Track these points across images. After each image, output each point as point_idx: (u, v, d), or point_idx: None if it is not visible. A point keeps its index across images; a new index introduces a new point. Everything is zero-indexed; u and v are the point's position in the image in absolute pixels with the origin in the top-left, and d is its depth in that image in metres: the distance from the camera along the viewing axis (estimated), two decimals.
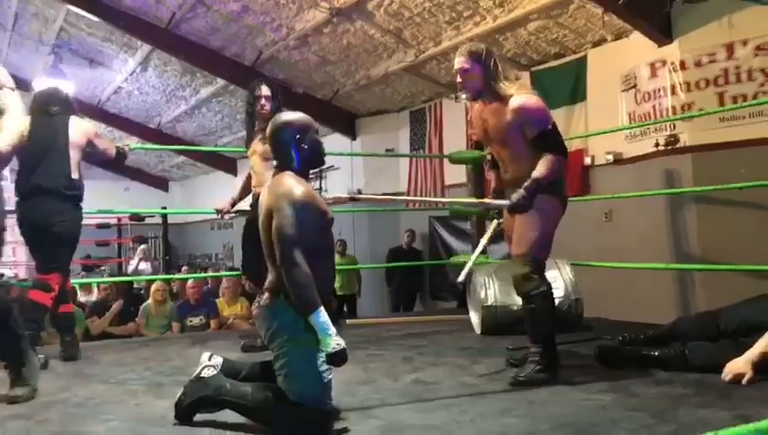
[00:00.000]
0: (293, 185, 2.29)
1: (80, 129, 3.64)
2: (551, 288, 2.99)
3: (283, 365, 2.26)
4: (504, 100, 2.93)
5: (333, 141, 9.74)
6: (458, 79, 3.01)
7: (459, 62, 2.98)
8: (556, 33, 6.55)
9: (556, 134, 2.94)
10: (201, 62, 9.04)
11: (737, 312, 3.04)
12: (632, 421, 2.25)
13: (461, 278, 2.99)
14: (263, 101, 3.91)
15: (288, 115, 2.49)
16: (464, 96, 3.12)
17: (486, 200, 3.28)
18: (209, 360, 2.41)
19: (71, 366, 3.49)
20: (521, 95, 2.93)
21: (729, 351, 2.89)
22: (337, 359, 2.18)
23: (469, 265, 3.00)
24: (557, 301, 3.97)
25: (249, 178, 4.10)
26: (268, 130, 2.47)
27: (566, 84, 6.78)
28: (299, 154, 2.40)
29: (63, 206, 3.48)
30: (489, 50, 3.00)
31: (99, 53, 9.97)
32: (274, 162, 2.45)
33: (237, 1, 7.50)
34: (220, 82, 9.68)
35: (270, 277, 2.36)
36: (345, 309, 8.59)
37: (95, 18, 8.38)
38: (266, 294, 2.34)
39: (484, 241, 3.18)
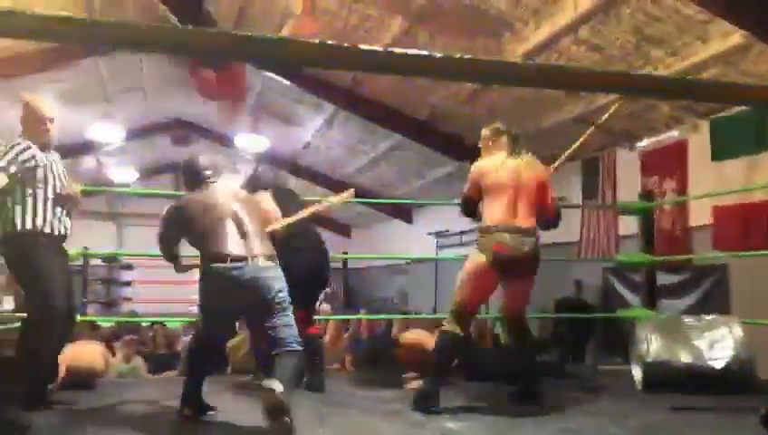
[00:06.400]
0: None
1: None
2: None
3: None
4: None
5: None
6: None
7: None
8: (737, 80, 6.24)
9: None
10: (379, 118, 9.71)
11: None
12: None
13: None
14: None
15: None
16: None
17: None
18: None
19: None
20: None
21: None
22: None
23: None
24: (724, 362, 3.84)
25: None
26: None
27: (748, 132, 6.43)
28: None
29: None
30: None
31: (291, 113, 11.04)
32: None
33: None
34: (397, 136, 10.27)
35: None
36: None
37: (287, 82, 9.41)
38: None
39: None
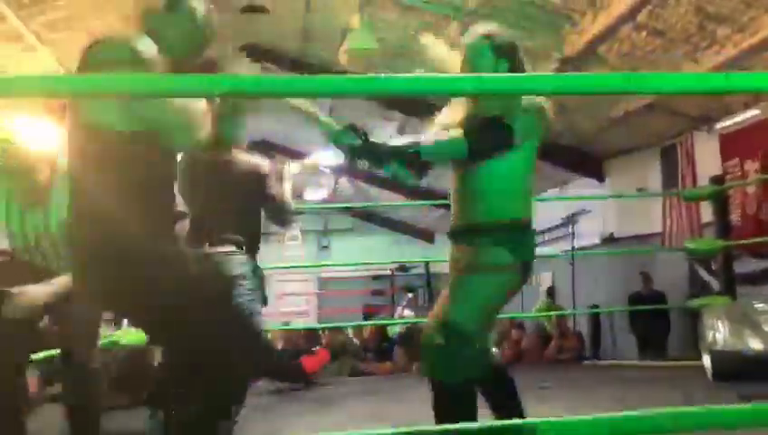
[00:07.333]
0: None
1: None
2: None
3: None
4: None
5: (582, 185, 9.75)
6: None
7: None
8: None
9: None
10: None
11: None
12: None
13: None
14: None
15: None
16: None
17: None
18: None
19: None
20: None
21: None
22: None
23: None
24: None
25: None
26: None
27: None
28: None
29: None
30: None
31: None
32: None
33: None
34: None
35: None
36: None
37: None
38: None
39: None
